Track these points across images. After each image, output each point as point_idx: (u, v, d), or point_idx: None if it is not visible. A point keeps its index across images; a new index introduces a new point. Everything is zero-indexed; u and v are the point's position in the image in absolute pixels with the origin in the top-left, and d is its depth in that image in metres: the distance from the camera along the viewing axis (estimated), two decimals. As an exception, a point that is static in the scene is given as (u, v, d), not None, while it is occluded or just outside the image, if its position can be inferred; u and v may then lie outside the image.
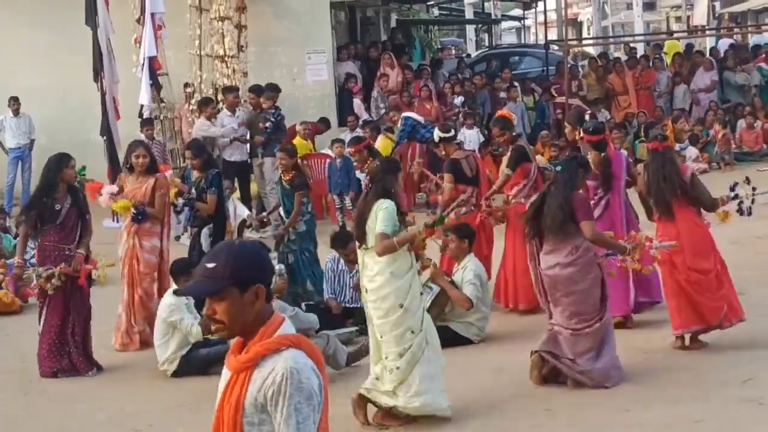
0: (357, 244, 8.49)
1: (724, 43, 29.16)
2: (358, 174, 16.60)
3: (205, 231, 12.04)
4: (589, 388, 8.94)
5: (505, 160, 12.31)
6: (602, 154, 10.89)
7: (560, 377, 9.18)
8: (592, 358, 9.04)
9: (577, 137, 11.63)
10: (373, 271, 8.26)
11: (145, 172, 11.52)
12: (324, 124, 19.96)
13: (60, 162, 10.56)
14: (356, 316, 11.46)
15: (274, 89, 18.82)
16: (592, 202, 10.39)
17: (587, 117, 12.06)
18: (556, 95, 23.47)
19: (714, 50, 26.98)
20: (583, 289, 9.04)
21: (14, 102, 20.88)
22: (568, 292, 9.06)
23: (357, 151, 12.75)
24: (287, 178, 12.39)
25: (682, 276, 10.00)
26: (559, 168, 9.48)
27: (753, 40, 30.21)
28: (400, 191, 8.67)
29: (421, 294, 8.66)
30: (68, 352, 10.44)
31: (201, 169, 12.34)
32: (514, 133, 12.44)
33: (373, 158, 11.73)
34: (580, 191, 9.46)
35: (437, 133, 12.81)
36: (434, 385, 8.37)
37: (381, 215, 8.17)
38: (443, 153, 12.71)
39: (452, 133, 12.95)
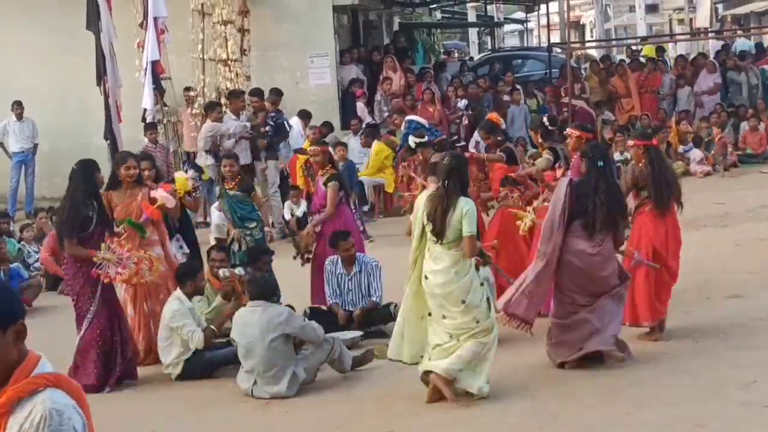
0: (436, 240, 8.70)
1: (715, 46, 29.10)
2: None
3: (175, 243, 11.65)
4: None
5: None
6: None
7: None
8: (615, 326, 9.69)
9: (538, 141, 11.89)
10: (439, 266, 8.71)
11: (134, 184, 10.88)
12: (327, 128, 19.98)
13: (94, 166, 10.20)
14: (366, 321, 11.51)
15: (276, 93, 18.92)
16: None
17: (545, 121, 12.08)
18: (563, 95, 23.44)
19: (723, 50, 26.94)
20: (608, 275, 9.57)
21: (17, 106, 20.92)
22: (594, 278, 9.50)
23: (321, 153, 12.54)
24: (230, 186, 12.27)
25: (653, 272, 10.33)
26: (601, 163, 9.72)
27: (738, 44, 30.19)
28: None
29: (481, 285, 9.05)
30: (115, 362, 10.05)
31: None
32: (499, 137, 12.59)
33: (332, 165, 12.35)
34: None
35: (412, 140, 12.94)
36: (473, 366, 8.82)
37: (469, 217, 8.62)
38: (420, 158, 12.83)
39: (426, 138, 13.08)
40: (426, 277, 8.79)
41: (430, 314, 8.87)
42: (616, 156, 21.21)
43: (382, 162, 18.78)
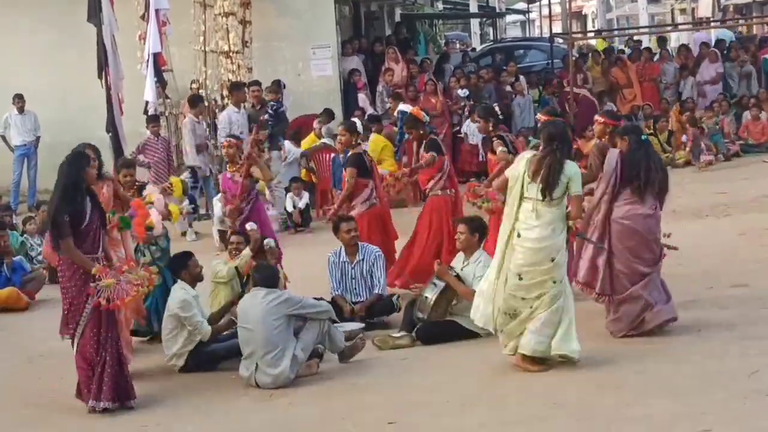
0: (542, 198, 9.20)
1: (698, 38, 28.99)
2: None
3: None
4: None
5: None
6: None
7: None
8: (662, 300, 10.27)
9: (489, 129, 12.44)
10: (539, 222, 9.24)
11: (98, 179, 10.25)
12: (328, 115, 19.92)
13: (83, 159, 9.56)
14: (369, 312, 11.53)
15: (276, 84, 18.97)
16: None
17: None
18: (565, 86, 23.40)
19: (720, 42, 26.90)
20: (659, 239, 10.27)
21: (19, 99, 20.90)
22: (649, 242, 10.15)
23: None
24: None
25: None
26: (644, 137, 10.37)
27: (717, 34, 30.16)
28: None
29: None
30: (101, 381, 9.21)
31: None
32: (422, 131, 13.00)
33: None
34: None
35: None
36: (562, 330, 9.30)
37: (576, 179, 9.29)
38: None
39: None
40: (519, 235, 9.29)
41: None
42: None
43: (381, 153, 18.75)
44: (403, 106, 19.20)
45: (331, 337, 9.99)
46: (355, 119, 14.81)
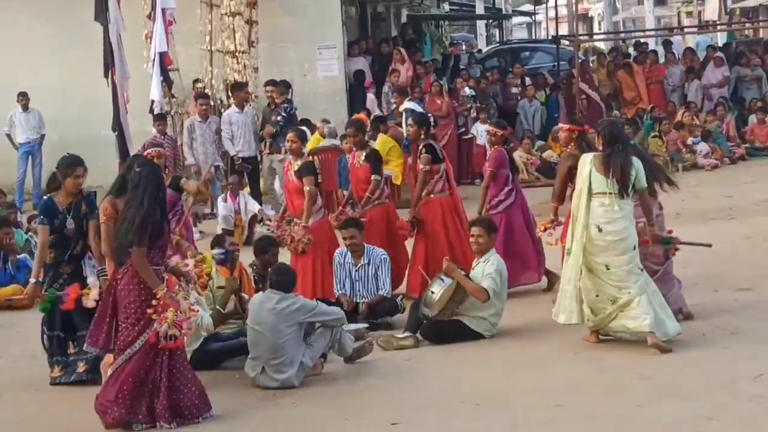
0: (617, 194, 9.86)
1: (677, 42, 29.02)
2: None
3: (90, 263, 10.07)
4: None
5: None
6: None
7: None
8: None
9: (420, 136, 12.65)
10: (618, 215, 9.88)
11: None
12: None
13: (159, 169, 9.51)
14: (372, 312, 11.52)
15: (284, 85, 18.93)
16: (507, 189, 12.55)
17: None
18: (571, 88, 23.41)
19: (728, 45, 26.91)
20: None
21: (23, 97, 20.93)
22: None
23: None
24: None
25: None
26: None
27: (699, 40, 30.16)
28: None
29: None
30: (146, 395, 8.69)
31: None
32: (366, 138, 13.30)
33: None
34: None
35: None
36: (660, 312, 9.93)
37: (642, 174, 9.98)
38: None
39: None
40: (600, 230, 9.85)
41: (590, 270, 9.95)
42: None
43: (387, 154, 18.71)
44: (409, 104, 19.25)
45: (341, 343, 9.97)
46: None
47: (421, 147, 12.64)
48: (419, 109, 19.05)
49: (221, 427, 8.69)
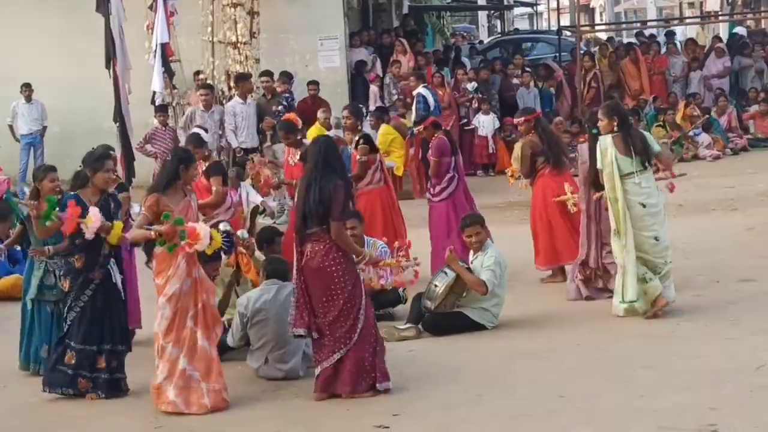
0: (642, 168, 10.52)
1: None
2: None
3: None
4: None
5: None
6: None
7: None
8: None
9: (357, 127, 13.08)
10: (652, 188, 10.60)
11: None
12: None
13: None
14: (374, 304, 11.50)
15: (286, 75, 18.94)
16: (449, 176, 12.85)
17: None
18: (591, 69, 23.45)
19: (734, 36, 26.88)
20: None
21: (26, 88, 20.94)
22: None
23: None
24: None
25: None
26: (595, 131, 10.97)
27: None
28: None
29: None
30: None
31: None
32: (299, 137, 13.29)
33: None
34: None
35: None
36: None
37: (653, 141, 10.83)
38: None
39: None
40: (644, 205, 10.49)
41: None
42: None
43: (390, 145, 18.72)
44: (423, 90, 19.23)
45: None
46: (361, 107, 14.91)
47: (358, 138, 12.85)
48: (431, 96, 19.08)
49: (222, 419, 8.70)
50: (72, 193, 9.32)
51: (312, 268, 8.66)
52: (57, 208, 9.06)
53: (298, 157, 12.87)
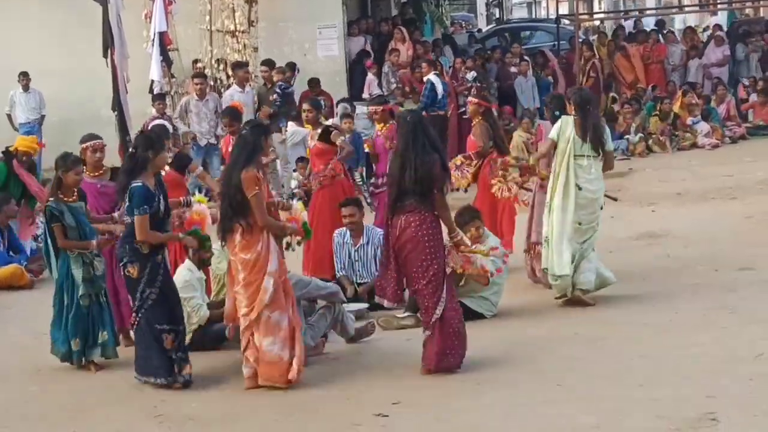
0: (594, 153, 10.86)
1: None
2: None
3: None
4: None
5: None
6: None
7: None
8: None
9: (318, 119, 12.85)
10: (593, 175, 10.87)
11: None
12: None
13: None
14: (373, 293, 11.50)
15: (290, 68, 18.99)
16: None
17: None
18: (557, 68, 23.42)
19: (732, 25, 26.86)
20: None
21: (24, 77, 20.93)
22: None
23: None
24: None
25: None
26: (558, 113, 11.39)
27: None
28: None
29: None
30: None
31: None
32: (242, 125, 13.00)
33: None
34: None
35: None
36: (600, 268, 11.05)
37: (609, 137, 11.18)
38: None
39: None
40: (580, 188, 10.77)
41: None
42: (626, 126, 21.24)
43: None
44: (433, 77, 19.19)
45: (343, 323, 10.00)
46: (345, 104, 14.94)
47: (319, 130, 12.69)
48: (440, 84, 19.05)
49: (222, 408, 8.71)
50: (140, 183, 9.03)
51: (407, 237, 8.89)
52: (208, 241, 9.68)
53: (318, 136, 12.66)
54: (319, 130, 12.65)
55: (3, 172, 14.39)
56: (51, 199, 9.78)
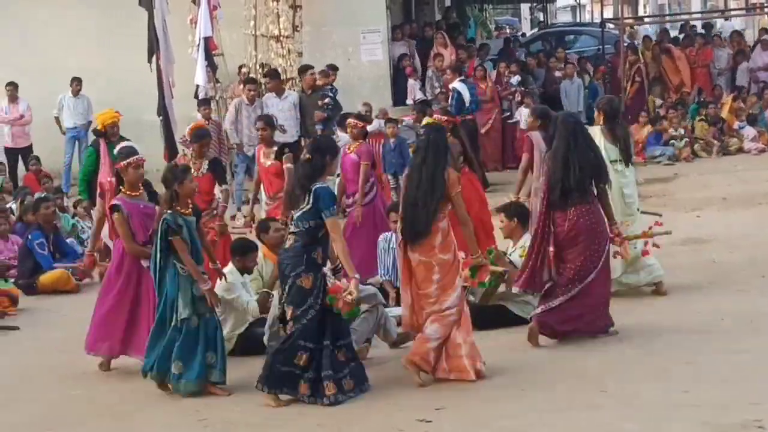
0: (624, 161, 11.17)
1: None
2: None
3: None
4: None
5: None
6: None
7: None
8: None
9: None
10: (630, 179, 11.27)
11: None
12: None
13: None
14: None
15: (331, 68, 18.97)
16: (370, 182, 12.92)
17: None
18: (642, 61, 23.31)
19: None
20: None
21: (77, 83, 21.05)
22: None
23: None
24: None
25: None
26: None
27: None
28: None
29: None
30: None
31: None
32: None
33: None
34: None
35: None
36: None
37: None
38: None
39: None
40: (622, 193, 11.06)
41: None
42: (671, 132, 21.10)
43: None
44: (458, 84, 19.11)
45: (386, 328, 9.99)
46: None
47: (274, 148, 12.81)
48: (466, 91, 18.96)
49: (265, 413, 8.73)
50: (325, 184, 8.92)
51: (582, 227, 9.74)
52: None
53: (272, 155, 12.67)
54: (275, 148, 12.72)
55: (92, 156, 13.26)
56: (167, 211, 9.16)
